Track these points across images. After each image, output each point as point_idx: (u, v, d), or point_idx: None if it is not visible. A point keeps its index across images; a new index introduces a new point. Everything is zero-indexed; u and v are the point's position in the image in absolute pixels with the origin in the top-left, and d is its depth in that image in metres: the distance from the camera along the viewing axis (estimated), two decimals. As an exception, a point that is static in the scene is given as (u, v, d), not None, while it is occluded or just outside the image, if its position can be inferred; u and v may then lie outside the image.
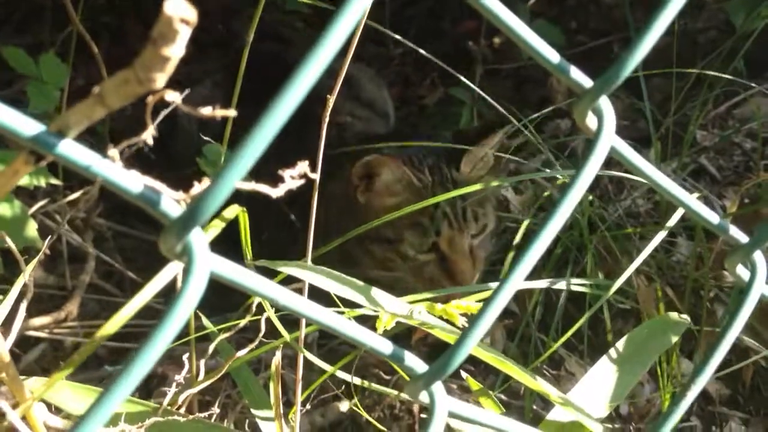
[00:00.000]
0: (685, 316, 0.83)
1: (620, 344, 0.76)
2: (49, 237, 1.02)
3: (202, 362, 0.84)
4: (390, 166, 1.32)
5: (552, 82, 2.24)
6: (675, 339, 0.78)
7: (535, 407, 1.31)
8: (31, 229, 1.18)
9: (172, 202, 0.33)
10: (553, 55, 0.42)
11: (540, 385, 0.66)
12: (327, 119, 0.72)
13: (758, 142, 1.91)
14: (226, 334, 0.82)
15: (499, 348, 1.41)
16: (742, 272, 0.50)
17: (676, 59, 1.58)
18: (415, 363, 0.41)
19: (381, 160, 1.31)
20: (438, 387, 0.42)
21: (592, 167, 0.41)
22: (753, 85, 1.84)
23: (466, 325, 0.63)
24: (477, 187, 1.06)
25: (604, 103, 0.42)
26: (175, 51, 0.28)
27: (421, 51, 1.49)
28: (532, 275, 1.39)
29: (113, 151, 0.32)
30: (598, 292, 1.23)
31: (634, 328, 1.50)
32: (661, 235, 0.93)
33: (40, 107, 1.42)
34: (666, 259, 1.53)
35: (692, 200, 0.47)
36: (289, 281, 0.73)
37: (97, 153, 0.32)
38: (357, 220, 1.33)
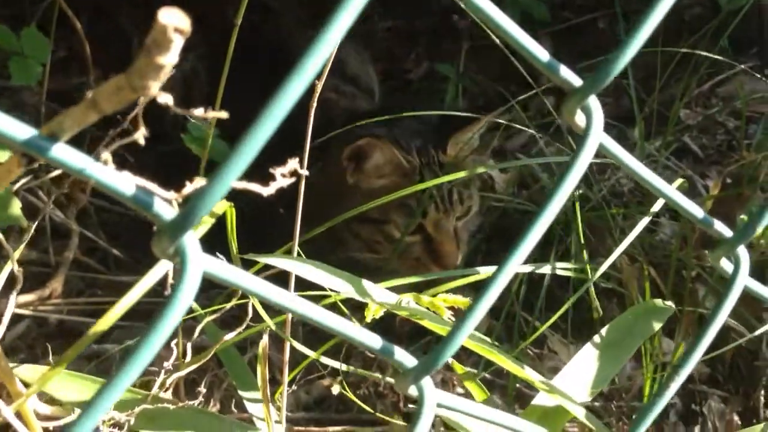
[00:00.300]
0: (669, 303, 0.84)
1: (604, 330, 0.77)
2: (37, 218, 1.01)
3: (189, 344, 0.85)
4: (381, 149, 1.33)
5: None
6: (658, 326, 0.79)
7: (519, 385, 1.32)
8: (15, 207, 1.17)
9: (164, 205, 0.33)
10: (542, 54, 0.42)
11: (525, 372, 0.67)
12: (314, 106, 0.72)
13: (741, 121, 1.92)
14: (213, 316, 0.83)
15: (483, 326, 1.42)
16: (726, 265, 0.51)
17: (661, 37, 1.59)
18: (405, 358, 0.42)
19: (373, 143, 1.31)
20: (427, 380, 0.42)
21: (581, 165, 0.42)
22: (736, 64, 1.86)
23: (452, 318, 0.63)
24: (464, 173, 1.06)
25: (593, 101, 0.42)
26: (169, 59, 0.28)
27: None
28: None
29: (105, 154, 0.32)
30: (583, 276, 1.24)
31: (619, 315, 1.52)
32: (646, 220, 0.94)
33: (22, 82, 1.41)
34: (649, 239, 1.54)
35: (678, 195, 0.47)
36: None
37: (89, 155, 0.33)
38: (344, 200, 1.33)
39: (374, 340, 0.41)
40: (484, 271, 0.88)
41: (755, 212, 0.48)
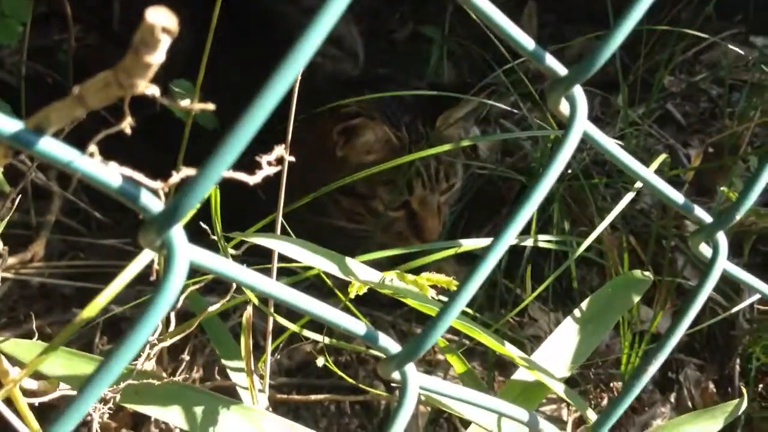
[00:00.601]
0: (648, 273, 0.85)
1: (585, 304, 0.78)
2: (19, 181, 1.01)
3: (173, 312, 0.85)
4: (374, 129, 1.32)
5: (523, 20, 2.23)
6: (637, 298, 0.80)
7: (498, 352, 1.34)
8: (-4, 171, 1.17)
9: (151, 197, 0.33)
10: (528, 42, 0.42)
11: (506, 348, 0.68)
12: (299, 81, 0.71)
13: (724, 89, 1.93)
14: (197, 286, 0.83)
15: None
16: (705, 250, 0.52)
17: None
18: (389, 344, 0.42)
19: (365, 123, 1.31)
20: (410, 366, 0.43)
21: (565, 153, 0.42)
22: (717, 40, 1.85)
23: (435, 297, 0.64)
24: (450, 145, 1.06)
25: (578, 90, 0.43)
26: (157, 58, 0.28)
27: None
28: (501, 221, 1.41)
29: (92, 147, 0.32)
30: (565, 248, 1.25)
31: (599, 283, 1.54)
32: (630, 195, 0.94)
33: (2, 42, 1.39)
34: (630, 208, 1.55)
35: (661, 182, 0.48)
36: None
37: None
38: (328, 169, 1.33)
39: (358, 327, 0.41)
40: (467, 244, 0.89)
41: (737, 197, 0.48)
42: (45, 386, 0.60)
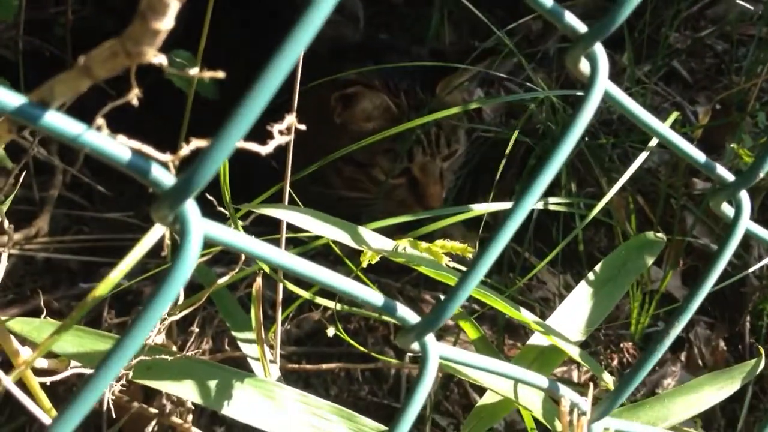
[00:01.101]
0: (660, 234, 0.84)
1: (597, 267, 0.77)
2: (21, 157, 0.99)
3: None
4: (371, 97, 1.30)
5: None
6: (651, 260, 0.79)
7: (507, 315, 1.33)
8: (-2, 147, 1.15)
9: (162, 171, 0.32)
10: (547, 0, 0.40)
11: (521, 314, 0.67)
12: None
13: (731, 45, 1.90)
14: (204, 258, 0.82)
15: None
16: (727, 209, 0.51)
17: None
18: (407, 314, 0.41)
19: (362, 91, 1.29)
20: (429, 336, 0.42)
21: (587, 114, 0.41)
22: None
23: (449, 264, 0.63)
24: (452, 110, 1.04)
25: (598, 48, 0.41)
26: (166, 24, 0.27)
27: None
28: (508, 187, 1.39)
29: (100, 120, 0.31)
30: (573, 209, 1.24)
31: (607, 243, 1.53)
32: (643, 155, 0.93)
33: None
34: (638, 167, 1.54)
35: (683, 142, 0.47)
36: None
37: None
38: (329, 137, 1.31)
39: (376, 297, 0.40)
40: (477, 208, 0.87)
41: (759, 154, 0.47)
42: (56, 364, 0.60)
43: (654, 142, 0.99)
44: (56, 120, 0.30)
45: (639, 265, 0.79)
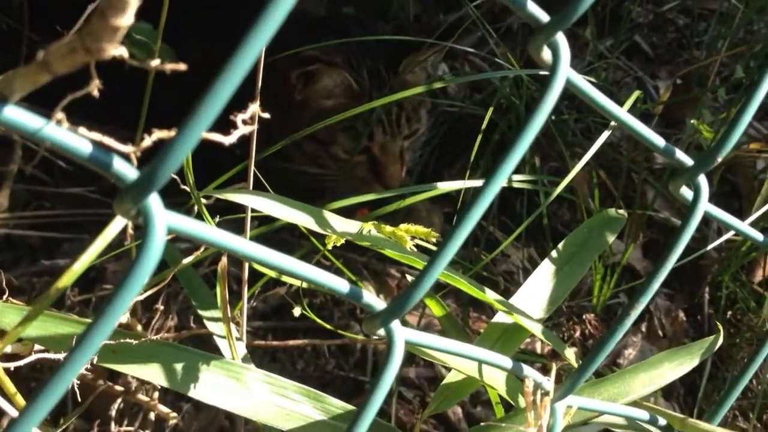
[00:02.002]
0: (622, 211, 0.86)
1: (561, 246, 0.78)
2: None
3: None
4: (331, 75, 1.30)
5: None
6: (612, 237, 0.80)
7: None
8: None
9: (124, 164, 0.32)
10: (509, -13, 0.40)
11: (486, 295, 0.68)
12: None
13: (692, 19, 1.92)
14: (169, 237, 0.82)
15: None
16: (686, 193, 0.52)
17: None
18: (373, 301, 0.42)
19: (323, 69, 1.28)
20: (395, 321, 0.42)
21: (549, 102, 0.41)
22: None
23: (414, 248, 0.63)
24: (418, 89, 1.04)
25: (560, 37, 0.41)
26: (126, 21, 0.27)
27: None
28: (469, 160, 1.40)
29: (59, 114, 0.30)
30: (537, 186, 1.25)
31: (569, 217, 1.54)
32: (606, 134, 0.94)
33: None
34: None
35: (644, 128, 0.47)
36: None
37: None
38: (290, 114, 1.30)
39: (341, 285, 0.41)
40: (442, 186, 0.88)
41: (718, 139, 0.48)
42: (19, 348, 0.59)
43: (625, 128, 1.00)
44: (15, 115, 0.29)
45: (601, 242, 0.80)
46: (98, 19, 0.26)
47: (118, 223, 0.35)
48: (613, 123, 0.99)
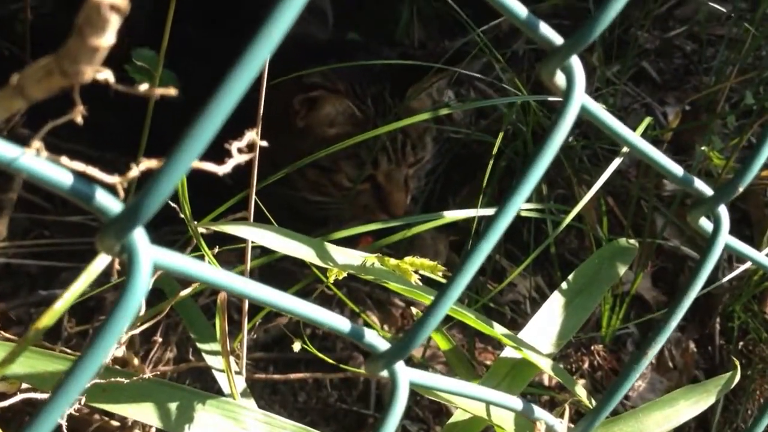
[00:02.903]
0: (633, 241, 0.83)
1: (571, 277, 0.75)
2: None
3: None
4: (334, 102, 1.27)
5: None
6: (624, 268, 0.78)
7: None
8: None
9: (108, 197, 0.30)
10: (520, 9, 0.38)
11: (494, 330, 0.66)
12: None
13: (702, 45, 1.90)
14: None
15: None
16: (706, 224, 0.49)
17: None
18: (376, 341, 0.39)
19: (326, 96, 1.26)
20: (399, 363, 0.40)
21: (563, 131, 0.39)
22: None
23: (419, 282, 0.61)
24: (423, 116, 1.01)
25: (575, 61, 0.39)
26: (106, 41, 0.24)
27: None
28: (479, 189, 1.38)
29: (37, 143, 0.28)
30: (544, 215, 1.22)
31: (577, 245, 1.52)
32: (617, 161, 0.92)
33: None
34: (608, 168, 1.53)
35: (660, 156, 0.45)
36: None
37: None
38: (294, 138, 1.28)
39: (342, 324, 0.38)
40: (448, 215, 0.85)
41: (740, 169, 0.45)
42: (5, 387, 0.57)
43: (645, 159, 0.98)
44: (-13, 143, 0.27)
45: (612, 273, 0.77)
46: (76, 39, 0.24)
47: (102, 260, 0.32)
48: (625, 149, 0.96)
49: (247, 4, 1.42)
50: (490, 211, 1.05)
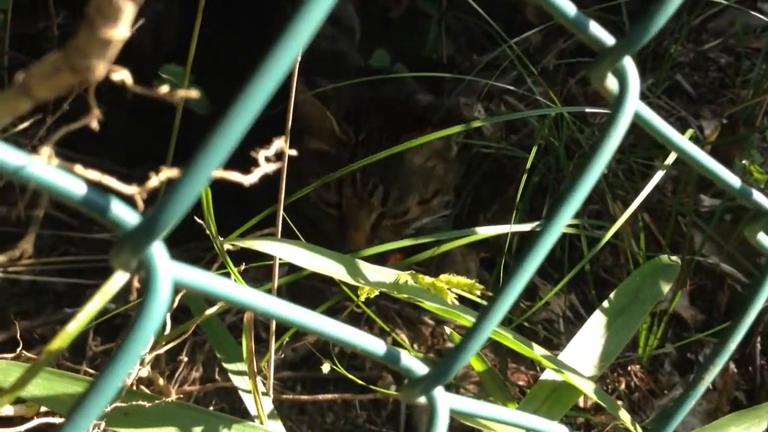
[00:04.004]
0: (675, 257, 0.80)
1: (612, 295, 0.72)
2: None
3: (168, 314, 0.79)
4: (314, 109, 1.23)
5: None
6: (667, 287, 0.74)
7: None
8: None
9: (124, 208, 0.27)
10: (568, 7, 0.35)
11: (534, 351, 0.62)
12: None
13: (740, 59, 1.86)
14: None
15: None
16: (764, 240, 0.46)
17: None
18: (414, 365, 0.36)
19: (310, 100, 1.22)
20: (438, 388, 0.37)
21: (615, 138, 0.36)
22: (727, 2, 1.78)
23: (456, 301, 0.58)
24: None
25: (628, 63, 0.36)
26: (119, 33, 0.22)
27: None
28: (510, 204, 1.35)
29: (46, 150, 0.26)
30: (578, 230, 1.19)
31: (612, 262, 1.48)
32: (659, 174, 0.88)
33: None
34: (643, 183, 1.49)
35: (717, 166, 0.42)
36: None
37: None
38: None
39: (379, 346, 0.35)
40: (482, 231, 0.82)
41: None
42: (23, 410, 0.54)
43: (670, 159, 0.95)
44: (-7, 150, 0.25)
45: (655, 291, 0.74)
46: (86, 31, 0.22)
47: (119, 278, 0.30)
48: (670, 159, 0.93)
49: (274, 21, 1.41)
50: (523, 227, 1.02)
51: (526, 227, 0.96)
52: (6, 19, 1.38)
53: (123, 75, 0.27)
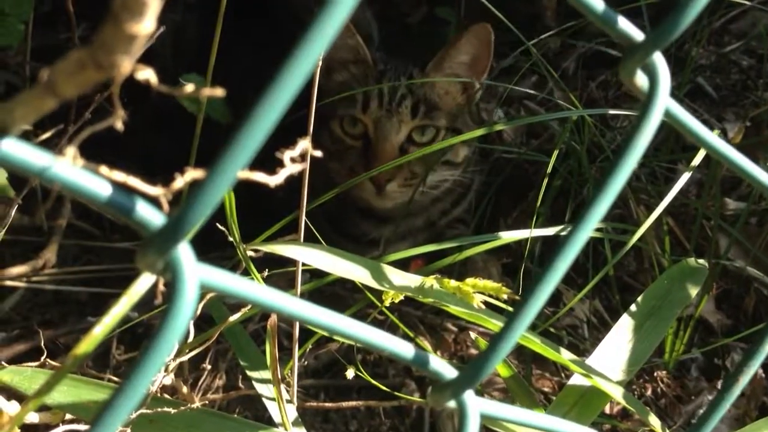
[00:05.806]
0: (702, 261, 0.78)
1: (640, 299, 0.71)
2: (25, 185, 0.96)
3: (191, 322, 0.79)
4: (347, 36, 1.29)
5: (543, -1, 2.14)
6: (695, 291, 0.73)
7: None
8: (1, 176, 1.11)
9: (150, 209, 0.27)
10: (597, 3, 0.35)
11: (562, 356, 0.61)
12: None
13: (764, 63, 1.84)
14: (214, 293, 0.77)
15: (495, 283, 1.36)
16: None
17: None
18: (443, 368, 0.36)
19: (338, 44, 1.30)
20: (468, 392, 0.36)
21: (646, 135, 0.35)
22: (750, 2, 1.77)
23: (482, 305, 0.57)
24: (479, 131, 0.98)
25: (658, 58, 0.36)
26: (145, 27, 0.21)
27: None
28: (531, 209, 1.34)
29: (71, 150, 0.25)
30: (601, 234, 1.17)
31: (636, 267, 1.46)
32: (686, 176, 0.87)
33: (2, 44, 1.33)
34: (666, 187, 1.47)
35: (748, 163, 0.41)
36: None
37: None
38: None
39: (407, 349, 0.35)
40: (505, 236, 0.82)
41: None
42: (49, 418, 0.54)
43: (697, 159, 0.93)
44: (16, 150, 0.24)
45: (683, 295, 0.73)
46: (111, 26, 0.21)
47: (145, 280, 0.30)
48: (695, 161, 0.92)
49: (293, 29, 1.41)
50: (545, 232, 1.01)
51: (548, 231, 0.95)
52: (27, 30, 1.38)
53: (147, 74, 0.27)
